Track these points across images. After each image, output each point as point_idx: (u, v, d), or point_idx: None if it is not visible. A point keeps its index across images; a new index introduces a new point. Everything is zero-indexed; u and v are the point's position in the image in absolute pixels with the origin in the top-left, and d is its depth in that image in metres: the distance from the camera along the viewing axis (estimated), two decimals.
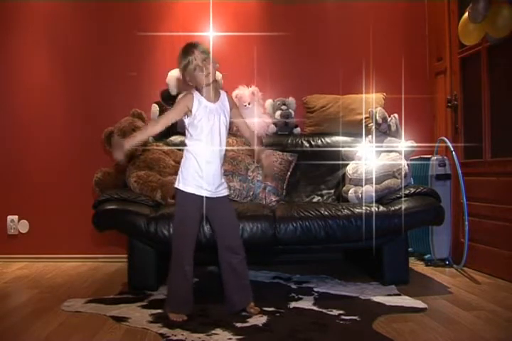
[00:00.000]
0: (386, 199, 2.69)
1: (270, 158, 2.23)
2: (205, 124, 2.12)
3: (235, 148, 3.12)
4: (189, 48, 2.11)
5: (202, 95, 2.14)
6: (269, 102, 3.45)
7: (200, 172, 2.12)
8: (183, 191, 2.13)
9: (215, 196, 2.15)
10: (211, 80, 2.12)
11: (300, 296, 2.42)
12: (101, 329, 1.97)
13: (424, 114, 3.58)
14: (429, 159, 3.13)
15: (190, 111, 2.12)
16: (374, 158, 2.89)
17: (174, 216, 2.22)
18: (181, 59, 2.11)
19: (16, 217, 3.52)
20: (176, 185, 2.16)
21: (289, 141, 3.34)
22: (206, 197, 2.12)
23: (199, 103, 2.12)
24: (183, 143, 3.24)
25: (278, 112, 3.41)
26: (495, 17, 2.62)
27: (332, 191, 3.23)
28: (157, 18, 3.56)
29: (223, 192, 2.20)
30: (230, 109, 2.20)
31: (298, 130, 3.48)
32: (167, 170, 2.92)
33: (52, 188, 3.52)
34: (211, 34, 3.51)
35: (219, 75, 2.26)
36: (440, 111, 3.50)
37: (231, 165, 3.06)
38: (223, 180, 2.22)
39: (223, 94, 2.21)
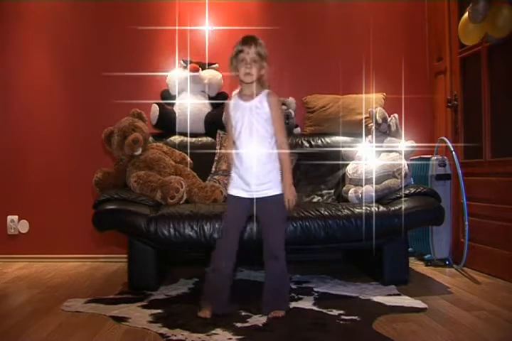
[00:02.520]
0: (386, 199, 2.69)
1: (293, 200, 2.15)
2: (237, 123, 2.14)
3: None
4: (247, 39, 2.12)
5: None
6: None
7: (239, 172, 2.14)
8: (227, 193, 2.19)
9: (257, 196, 2.13)
10: (248, 80, 2.11)
11: (300, 296, 2.42)
12: (101, 329, 1.97)
13: (424, 114, 3.58)
14: (429, 159, 3.13)
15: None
16: (374, 158, 2.89)
17: None
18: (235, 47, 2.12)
19: (15, 217, 3.53)
20: None
21: (289, 141, 3.32)
22: (248, 198, 2.13)
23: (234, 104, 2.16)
24: (183, 143, 3.29)
25: None
26: (495, 17, 2.62)
27: (332, 191, 3.23)
28: (157, 17, 3.56)
29: (266, 192, 2.13)
30: (270, 109, 2.12)
31: (298, 130, 3.48)
32: (167, 170, 2.93)
33: (52, 188, 3.52)
34: (207, 28, 3.51)
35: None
36: (440, 111, 3.50)
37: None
38: (268, 180, 2.13)
39: (264, 94, 2.15)
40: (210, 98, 3.40)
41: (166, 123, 3.32)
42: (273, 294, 2.14)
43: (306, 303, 2.30)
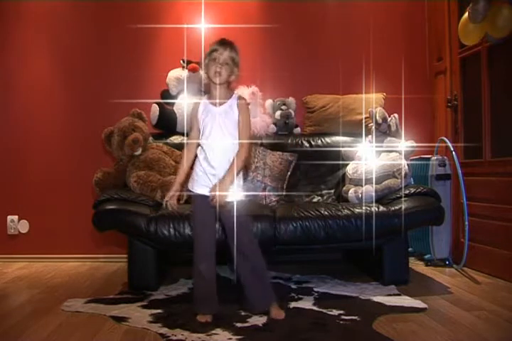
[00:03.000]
0: (386, 199, 2.69)
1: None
2: (206, 127, 2.13)
3: None
4: (224, 42, 2.11)
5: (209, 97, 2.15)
6: (269, 102, 3.45)
7: (206, 169, 2.12)
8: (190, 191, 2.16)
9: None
10: (217, 81, 2.09)
11: (300, 296, 2.42)
12: (101, 329, 1.97)
13: (424, 114, 3.58)
14: (429, 159, 3.13)
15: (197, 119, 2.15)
16: (374, 158, 2.89)
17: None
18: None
19: (15, 217, 3.53)
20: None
21: (289, 141, 3.33)
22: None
23: (204, 108, 2.14)
24: (183, 143, 3.28)
25: (278, 112, 3.40)
26: (495, 17, 2.62)
27: (332, 191, 3.23)
28: (157, 17, 3.56)
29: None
30: (238, 114, 2.13)
31: (298, 130, 3.48)
32: (167, 170, 2.93)
33: (52, 188, 3.52)
34: (203, 26, 3.50)
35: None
36: (440, 111, 3.49)
37: None
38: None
39: (234, 98, 2.15)
40: None
41: (166, 123, 3.31)
42: (262, 287, 2.12)
43: (306, 303, 2.30)
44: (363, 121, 3.29)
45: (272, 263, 3.13)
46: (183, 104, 3.30)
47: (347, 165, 3.05)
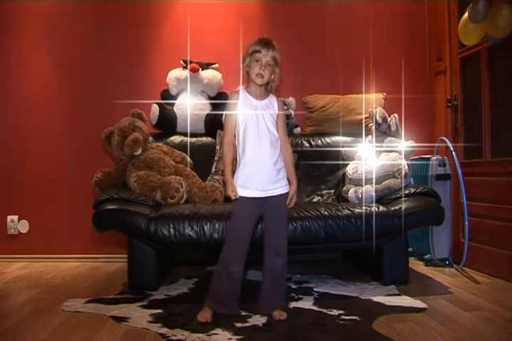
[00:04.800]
0: (386, 199, 2.69)
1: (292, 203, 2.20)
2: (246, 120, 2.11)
3: None
4: (267, 42, 2.14)
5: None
6: None
7: (248, 171, 2.10)
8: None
9: (268, 195, 2.10)
10: (259, 82, 2.10)
11: (300, 296, 2.42)
12: (101, 329, 1.97)
13: (424, 114, 3.58)
14: (429, 159, 3.13)
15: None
16: (374, 158, 2.89)
17: None
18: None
19: (16, 217, 3.52)
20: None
21: (289, 141, 3.32)
22: (258, 198, 2.09)
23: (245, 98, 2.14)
24: (183, 143, 3.29)
25: None
26: (495, 17, 2.62)
27: (332, 191, 3.23)
28: (157, 17, 3.56)
29: (278, 190, 2.13)
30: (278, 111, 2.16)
31: (298, 130, 3.48)
32: (167, 170, 2.92)
33: (52, 188, 3.52)
34: (203, 27, 3.49)
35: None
36: (440, 111, 3.50)
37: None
38: (280, 177, 2.14)
39: (271, 97, 2.18)
40: (210, 98, 3.40)
41: (166, 123, 3.32)
42: (273, 292, 2.14)
43: (306, 303, 2.30)
44: (363, 121, 3.29)
45: None
46: (184, 103, 3.31)
47: (347, 165, 3.05)
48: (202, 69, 3.36)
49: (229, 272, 2.08)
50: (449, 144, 3.08)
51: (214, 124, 3.28)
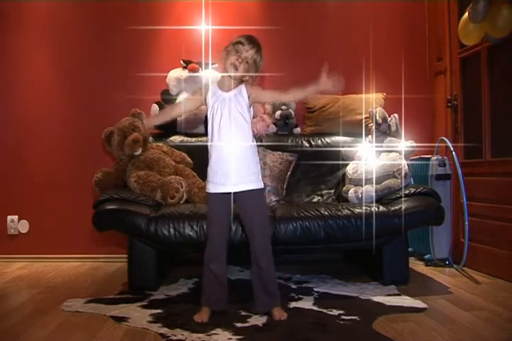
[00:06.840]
0: (386, 199, 2.69)
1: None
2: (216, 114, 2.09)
3: None
4: (254, 40, 2.11)
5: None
6: None
7: (216, 166, 2.09)
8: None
9: (237, 190, 2.07)
10: (231, 71, 2.07)
11: (300, 296, 2.42)
12: (101, 329, 1.97)
13: (424, 114, 3.58)
14: (429, 159, 3.13)
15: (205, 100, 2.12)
16: (374, 158, 2.89)
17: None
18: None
19: (16, 217, 3.52)
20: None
21: (289, 141, 3.33)
22: (227, 193, 2.06)
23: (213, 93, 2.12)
24: (183, 143, 3.29)
25: (278, 112, 3.40)
26: (495, 17, 2.62)
27: (332, 191, 3.23)
28: (157, 17, 3.56)
29: (248, 186, 2.08)
30: (249, 97, 2.10)
31: (298, 130, 3.48)
32: (167, 170, 2.92)
33: (52, 188, 3.52)
34: (203, 28, 3.50)
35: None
36: (440, 111, 3.50)
37: None
38: (251, 172, 2.09)
39: (242, 86, 2.13)
40: None
41: (166, 123, 3.30)
42: (264, 291, 2.13)
43: (306, 303, 2.30)
44: (363, 121, 3.29)
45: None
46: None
47: (347, 165, 3.05)
48: (202, 70, 3.36)
49: (209, 270, 2.11)
50: (449, 144, 3.08)
51: None
